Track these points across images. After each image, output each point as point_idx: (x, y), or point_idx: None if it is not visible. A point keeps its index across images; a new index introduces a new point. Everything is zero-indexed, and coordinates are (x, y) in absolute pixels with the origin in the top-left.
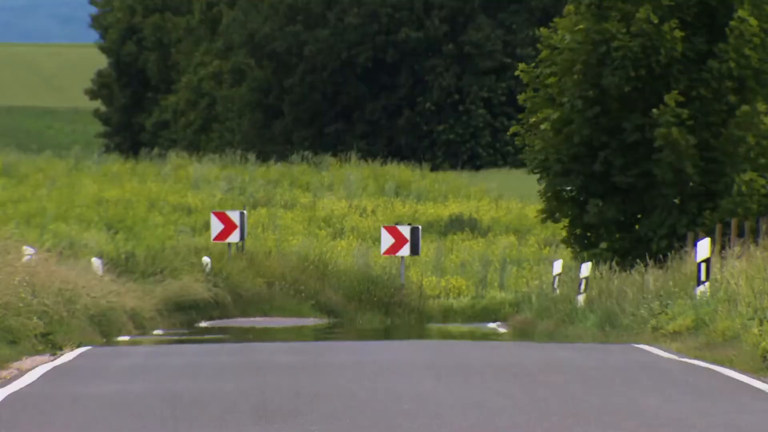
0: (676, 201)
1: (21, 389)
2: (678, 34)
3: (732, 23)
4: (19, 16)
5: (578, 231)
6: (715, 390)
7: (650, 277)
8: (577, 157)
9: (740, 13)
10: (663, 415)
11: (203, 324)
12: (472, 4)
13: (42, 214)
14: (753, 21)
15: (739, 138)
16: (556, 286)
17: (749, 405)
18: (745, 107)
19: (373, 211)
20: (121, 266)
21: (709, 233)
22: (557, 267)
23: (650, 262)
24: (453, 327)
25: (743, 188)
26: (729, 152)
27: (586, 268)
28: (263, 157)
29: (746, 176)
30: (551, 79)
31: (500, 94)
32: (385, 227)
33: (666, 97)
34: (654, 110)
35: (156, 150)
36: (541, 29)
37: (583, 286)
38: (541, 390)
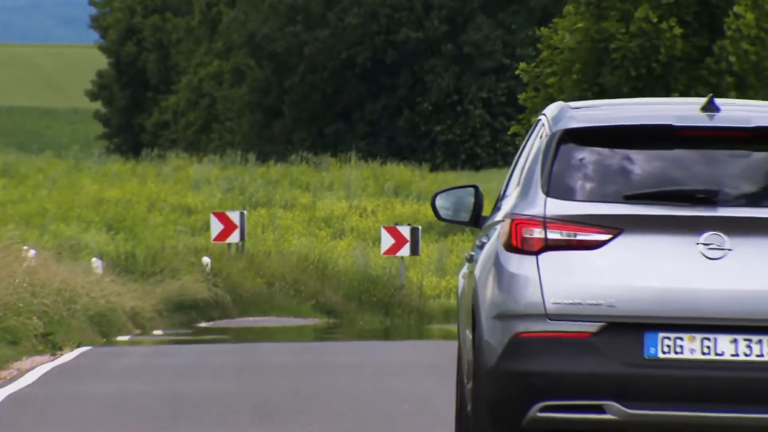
0: None
1: (21, 389)
2: (677, 31)
3: (728, 20)
4: (19, 16)
5: None
6: None
7: None
8: None
9: (737, 8)
10: None
11: (203, 324)
12: (472, 5)
13: (42, 215)
14: (750, 16)
15: None
16: None
17: None
18: None
19: (372, 212)
20: (121, 266)
21: None
22: None
23: None
24: (453, 327)
25: None
26: None
27: None
28: (263, 158)
29: None
30: (551, 79)
31: (500, 94)
32: (384, 227)
33: (671, 96)
34: None
35: (156, 150)
36: (542, 29)
37: None
38: None
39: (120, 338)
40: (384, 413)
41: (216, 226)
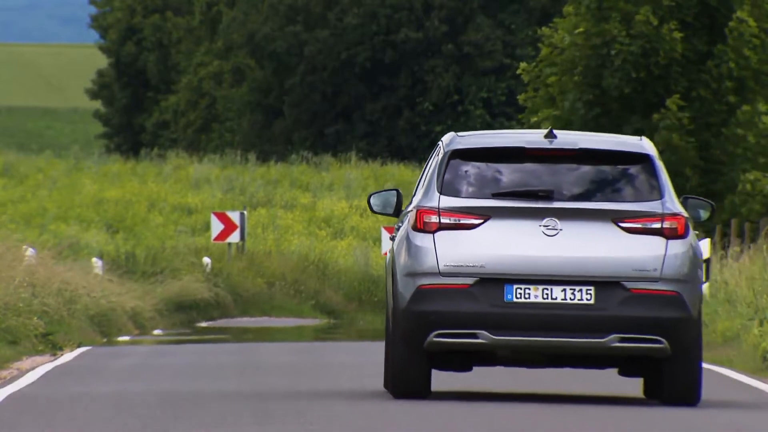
0: None
1: (21, 389)
2: (677, 35)
3: (731, 24)
4: (19, 16)
5: None
6: (715, 390)
7: None
8: None
9: (739, 13)
10: (662, 415)
11: (203, 324)
12: (472, 5)
13: (42, 215)
14: (752, 22)
15: (740, 137)
16: None
17: (749, 405)
18: (746, 107)
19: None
20: (121, 266)
21: (709, 234)
22: None
23: None
24: None
25: (747, 187)
26: (729, 152)
27: None
28: (263, 158)
29: (750, 175)
30: (551, 78)
31: (499, 94)
32: (385, 227)
33: (668, 101)
34: (655, 115)
35: (156, 150)
36: (543, 29)
37: None
38: (540, 389)
39: (120, 338)
40: (384, 413)
41: (216, 226)
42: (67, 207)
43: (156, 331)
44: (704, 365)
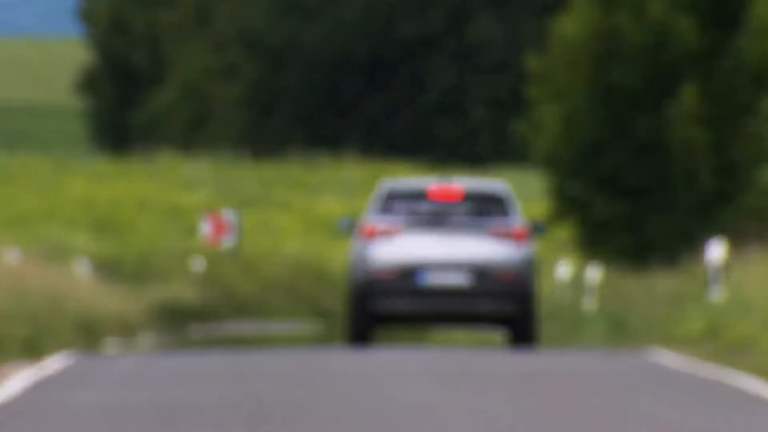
0: (688, 201)
1: (5, 397)
2: (691, 24)
3: (748, 15)
4: (6, 10)
5: (585, 232)
6: (725, 396)
7: (661, 280)
8: (585, 156)
9: (756, 8)
10: (671, 422)
11: (195, 329)
12: (472, 1)
13: (27, 216)
14: None
15: (760, 135)
16: (562, 289)
17: (761, 412)
18: None
19: None
20: (109, 269)
21: (723, 235)
22: (564, 269)
23: (660, 265)
24: (454, 335)
25: None
26: (746, 150)
27: (593, 271)
28: (258, 156)
29: None
30: (558, 73)
31: (500, 91)
32: None
33: (685, 90)
34: (666, 103)
35: (146, 148)
36: (550, 23)
37: (590, 289)
38: (545, 396)
39: (108, 343)
40: (383, 420)
41: (209, 227)
42: (53, 207)
43: (145, 337)
44: (716, 371)
